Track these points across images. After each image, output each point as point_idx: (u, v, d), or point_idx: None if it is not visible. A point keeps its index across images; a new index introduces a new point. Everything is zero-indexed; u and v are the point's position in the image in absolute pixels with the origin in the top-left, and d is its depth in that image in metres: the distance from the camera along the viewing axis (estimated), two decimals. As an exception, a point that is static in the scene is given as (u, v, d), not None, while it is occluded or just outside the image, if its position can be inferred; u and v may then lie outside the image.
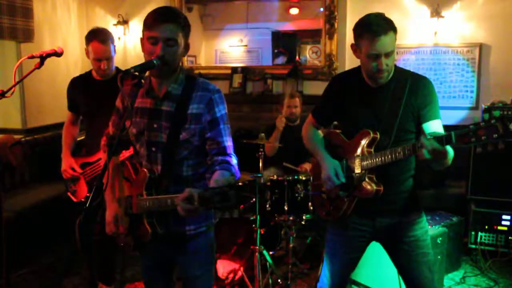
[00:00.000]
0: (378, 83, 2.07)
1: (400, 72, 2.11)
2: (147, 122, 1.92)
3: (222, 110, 1.92)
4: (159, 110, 1.90)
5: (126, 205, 1.95)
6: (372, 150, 2.05)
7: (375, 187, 2.03)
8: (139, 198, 1.88)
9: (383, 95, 2.07)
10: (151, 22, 1.79)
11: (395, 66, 2.12)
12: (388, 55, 1.97)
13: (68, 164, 2.94)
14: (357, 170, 2.07)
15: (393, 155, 1.95)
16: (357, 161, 2.08)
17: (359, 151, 2.08)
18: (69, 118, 3.11)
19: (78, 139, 3.15)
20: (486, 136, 1.63)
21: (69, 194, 2.99)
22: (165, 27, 1.77)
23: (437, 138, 1.75)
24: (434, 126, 2.01)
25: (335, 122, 2.37)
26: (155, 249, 2.01)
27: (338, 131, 2.28)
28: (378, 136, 2.05)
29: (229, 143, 1.92)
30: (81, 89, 3.01)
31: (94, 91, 2.95)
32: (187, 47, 1.89)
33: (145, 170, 1.89)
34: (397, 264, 2.24)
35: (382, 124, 2.06)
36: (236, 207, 1.76)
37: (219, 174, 1.79)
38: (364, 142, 2.07)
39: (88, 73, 3.05)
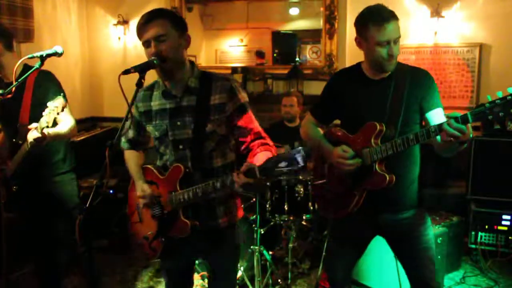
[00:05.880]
0: (387, 71, 2.09)
1: (400, 65, 2.15)
2: (169, 122, 1.95)
3: (245, 97, 1.94)
4: (179, 107, 1.93)
5: (153, 207, 1.97)
6: (379, 141, 2.06)
7: (387, 176, 2.03)
8: (174, 193, 1.90)
9: (385, 87, 2.10)
10: (138, 31, 1.89)
11: None
12: (396, 41, 2.03)
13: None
14: (367, 161, 2.07)
15: (405, 143, 1.95)
16: (365, 152, 2.07)
17: (367, 143, 2.07)
18: None
19: None
20: (503, 112, 1.64)
21: None
22: (149, 28, 1.84)
23: (454, 118, 1.76)
24: (438, 114, 2.04)
25: (336, 121, 2.36)
26: (180, 252, 2.03)
27: (338, 128, 2.28)
28: (384, 128, 2.06)
29: (260, 128, 1.94)
30: None
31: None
32: (184, 38, 1.90)
33: (180, 165, 1.90)
34: (400, 258, 2.26)
35: (387, 116, 2.07)
36: (304, 169, 1.73)
37: (263, 154, 1.79)
38: (371, 134, 2.06)
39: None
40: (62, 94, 2.46)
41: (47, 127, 2.31)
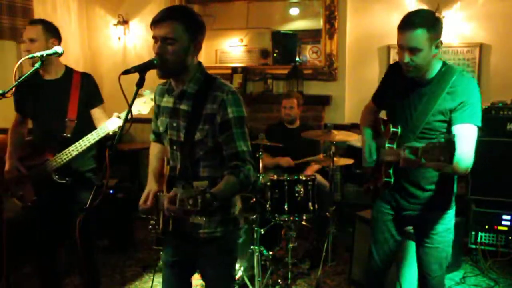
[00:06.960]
0: (409, 76, 2.07)
1: (448, 70, 2.05)
2: (168, 121, 1.96)
3: (235, 112, 1.83)
4: (177, 109, 1.93)
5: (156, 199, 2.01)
6: (395, 144, 2.10)
7: (384, 179, 2.11)
8: (159, 194, 1.97)
9: (422, 91, 2.08)
10: (152, 22, 1.83)
11: (446, 63, 2.08)
12: (412, 51, 1.96)
13: (13, 165, 2.77)
14: (380, 160, 2.19)
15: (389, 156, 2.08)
16: (381, 151, 2.19)
17: (383, 143, 2.16)
18: (16, 119, 2.97)
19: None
20: (443, 156, 1.64)
21: (14, 199, 2.81)
22: (161, 26, 1.80)
23: (412, 148, 1.81)
24: (461, 131, 1.96)
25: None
26: (175, 247, 2.04)
27: (384, 118, 2.34)
28: (399, 130, 2.08)
29: (243, 147, 1.83)
30: (29, 89, 2.77)
31: (42, 92, 2.78)
32: (195, 43, 1.87)
33: (167, 168, 1.96)
34: (416, 251, 2.31)
35: (411, 119, 2.09)
36: (200, 214, 1.63)
37: (223, 180, 1.78)
38: (387, 135, 2.12)
39: (36, 73, 2.71)
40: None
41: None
